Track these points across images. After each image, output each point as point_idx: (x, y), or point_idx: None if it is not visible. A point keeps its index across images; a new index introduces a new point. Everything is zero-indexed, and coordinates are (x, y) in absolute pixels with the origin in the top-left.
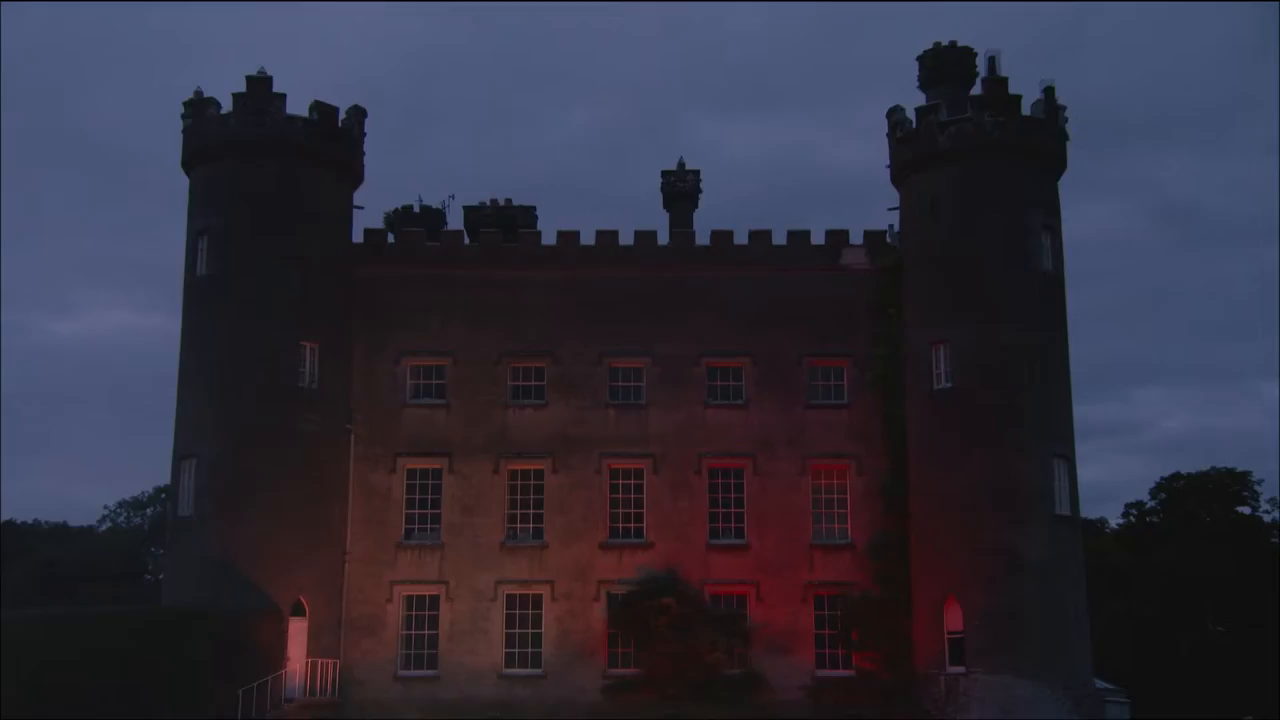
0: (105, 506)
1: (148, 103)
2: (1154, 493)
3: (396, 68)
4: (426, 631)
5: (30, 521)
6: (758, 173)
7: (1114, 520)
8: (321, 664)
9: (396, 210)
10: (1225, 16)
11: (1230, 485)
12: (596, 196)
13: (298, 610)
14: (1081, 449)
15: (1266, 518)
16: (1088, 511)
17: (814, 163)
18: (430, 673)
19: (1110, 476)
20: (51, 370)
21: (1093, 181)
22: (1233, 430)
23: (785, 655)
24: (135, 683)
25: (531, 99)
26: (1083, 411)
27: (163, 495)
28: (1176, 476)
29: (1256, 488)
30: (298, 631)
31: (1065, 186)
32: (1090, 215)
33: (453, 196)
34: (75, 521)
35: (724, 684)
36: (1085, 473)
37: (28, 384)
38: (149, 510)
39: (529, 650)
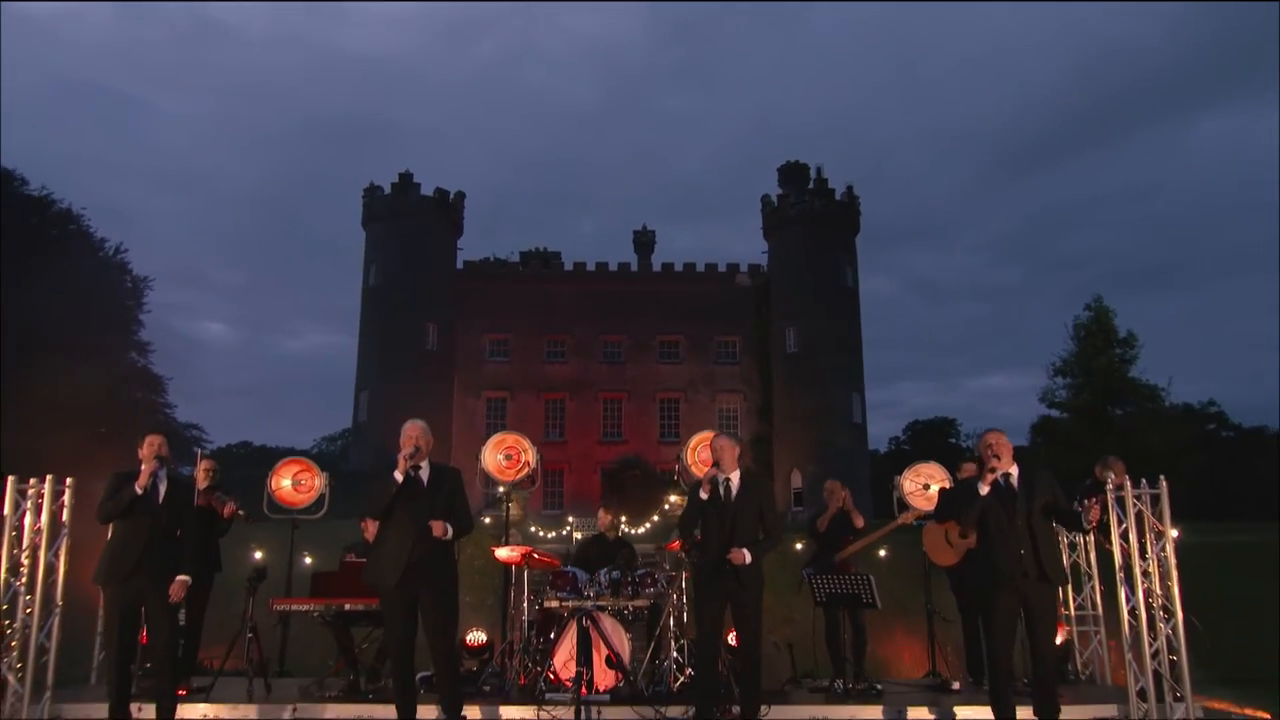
0: (314, 439)
1: (336, 205)
2: (905, 431)
3: (479, 184)
4: (498, 490)
5: (274, 447)
6: (690, 254)
7: (883, 449)
8: None
9: (481, 259)
10: (962, 166)
11: (944, 428)
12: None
13: None
14: (869, 412)
15: (964, 445)
16: (870, 445)
17: (724, 246)
18: (497, 513)
19: (883, 430)
20: (286, 370)
21: (877, 262)
22: (950, 403)
23: None
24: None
25: (558, 212)
26: (870, 394)
27: (347, 433)
28: (917, 422)
29: (959, 428)
30: None
31: (862, 261)
32: (877, 282)
33: (514, 251)
34: (298, 448)
35: (668, 519)
36: (868, 427)
37: (274, 379)
38: (339, 441)
39: (556, 500)
